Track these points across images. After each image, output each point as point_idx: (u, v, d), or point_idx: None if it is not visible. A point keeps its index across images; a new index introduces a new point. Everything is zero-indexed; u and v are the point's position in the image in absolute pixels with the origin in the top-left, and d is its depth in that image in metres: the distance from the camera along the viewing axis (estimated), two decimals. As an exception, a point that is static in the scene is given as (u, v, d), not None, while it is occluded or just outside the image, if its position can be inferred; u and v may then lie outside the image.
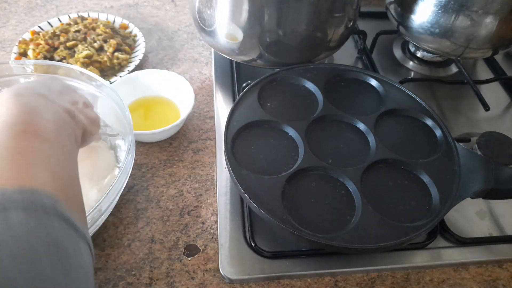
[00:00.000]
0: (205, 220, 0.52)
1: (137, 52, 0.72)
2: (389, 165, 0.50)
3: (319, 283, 0.47)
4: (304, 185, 0.48)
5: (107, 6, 0.84)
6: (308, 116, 0.54)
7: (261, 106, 0.55)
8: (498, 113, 0.69)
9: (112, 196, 0.43)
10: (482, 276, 0.49)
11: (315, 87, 0.58)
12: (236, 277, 0.46)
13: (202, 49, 0.76)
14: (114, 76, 0.67)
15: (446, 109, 0.68)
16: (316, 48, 0.62)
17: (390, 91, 0.59)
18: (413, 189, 0.48)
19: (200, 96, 0.67)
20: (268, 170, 0.48)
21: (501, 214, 0.54)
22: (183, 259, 0.48)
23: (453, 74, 0.75)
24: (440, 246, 0.50)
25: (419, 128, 0.55)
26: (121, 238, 0.49)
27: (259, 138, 0.52)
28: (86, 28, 0.72)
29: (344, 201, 0.47)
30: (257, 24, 0.57)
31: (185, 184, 0.55)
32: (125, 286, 0.46)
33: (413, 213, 0.46)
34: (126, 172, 0.45)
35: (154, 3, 0.86)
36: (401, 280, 0.48)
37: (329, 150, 0.51)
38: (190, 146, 0.60)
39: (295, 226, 0.43)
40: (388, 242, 0.43)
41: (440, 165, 0.50)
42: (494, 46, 0.65)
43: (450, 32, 0.63)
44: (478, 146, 0.55)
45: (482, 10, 0.60)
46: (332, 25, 0.60)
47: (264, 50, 0.60)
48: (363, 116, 0.55)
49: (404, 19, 0.68)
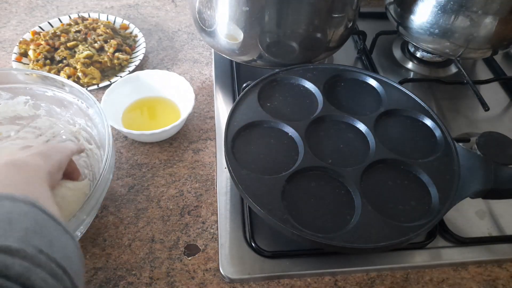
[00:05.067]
0: (205, 220, 0.52)
1: (138, 53, 0.72)
2: (388, 165, 0.50)
3: (319, 283, 0.47)
4: (304, 185, 0.48)
5: (108, 6, 0.84)
6: (308, 116, 0.54)
7: (261, 106, 0.55)
8: (497, 113, 0.69)
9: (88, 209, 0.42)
10: (482, 275, 0.49)
11: (315, 87, 0.58)
12: (236, 276, 0.46)
13: (202, 49, 0.76)
14: (114, 77, 0.68)
15: (446, 109, 0.68)
16: (316, 49, 0.63)
17: (390, 91, 0.59)
18: (413, 189, 0.48)
19: (200, 96, 0.67)
20: (268, 170, 0.48)
21: (500, 214, 0.54)
22: (183, 259, 0.48)
23: (452, 74, 0.75)
24: (440, 246, 0.50)
25: (418, 128, 0.55)
26: (122, 238, 0.50)
27: (259, 138, 0.52)
28: (87, 29, 0.72)
29: (343, 201, 0.47)
30: (257, 25, 0.57)
31: (186, 184, 0.55)
32: (126, 285, 0.46)
33: (412, 213, 0.46)
34: (105, 182, 0.44)
35: (155, 3, 0.86)
36: (401, 280, 0.48)
37: (329, 150, 0.51)
38: (190, 146, 0.60)
39: (295, 226, 0.43)
40: (388, 242, 0.43)
41: (440, 165, 0.50)
42: (494, 46, 0.65)
43: (450, 33, 0.63)
44: (477, 146, 0.55)
45: (481, 11, 0.60)
46: (332, 25, 0.60)
47: (264, 51, 0.60)
48: (363, 116, 0.55)
49: (403, 20, 0.68)
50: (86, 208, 0.41)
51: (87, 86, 0.65)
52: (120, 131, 0.59)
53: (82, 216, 0.41)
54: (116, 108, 0.61)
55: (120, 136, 0.61)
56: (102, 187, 0.44)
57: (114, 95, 0.61)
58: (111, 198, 0.53)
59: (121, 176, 0.56)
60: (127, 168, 0.57)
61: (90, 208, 0.42)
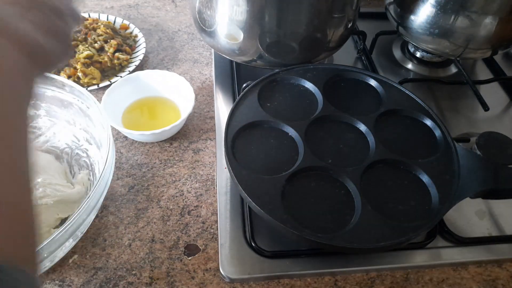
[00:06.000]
0: (205, 220, 0.52)
1: (138, 53, 0.72)
2: (388, 165, 0.50)
3: (319, 283, 0.47)
4: (304, 185, 0.48)
5: (108, 6, 0.84)
6: (308, 116, 0.55)
7: (261, 106, 0.55)
8: (497, 113, 0.69)
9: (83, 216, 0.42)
10: (482, 275, 0.49)
11: (315, 87, 0.58)
12: (236, 276, 0.46)
13: (202, 49, 0.76)
14: (114, 77, 0.68)
15: (446, 109, 0.68)
16: (316, 49, 0.63)
17: (390, 91, 0.59)
18: (413, 189, 0.48)
19: (200, 97, 0.67)
20: (268, 170, 0.48)
21: (500, 214, 0.54)
22: (183, 259, 0.48)
23: (452, 75, 0.75)
24: (440, 246, 0.50)
25: (418, 128, 0.55)
26: (122, 238, 0.50)
27: (259, 138, 0.52)
28: (87, 29, 0.72)
29: (343, 201, 0.47)
30: (257, 25, 0.57)
31: (186, 184, 0.55)
32: (126, 285, 0.46)
33: (412, 213, 0.46)
34: (105, 182, 0.44)
35: (155, 3, 0.86)
36: (401, 280, 0.48)
37: (329, 150, 0.51)
38: (190, 146, 0.60)
39: (295, 226, 0.43)
40: (388, 242, 0.43)
41: (440, 165, 0.50)
42: (493, 46, 0.65)
43: (450, 33, 0.63)
44: (477, 146, 0.55)
45: (481, 11, 0.60)
46: (331, 25, 0.60)
47: (264, 51, 0.60)
48: (363, 116, 0.55)
49: (403, 20, 0.68)
50: (86, 208, 0.41)
51: (87, 86, 0.65)
52: (120, 131, 0.59)
53: (82, 216, 0.41)
54: (116, 108, 0.61)
55: (120, 136, 0.61)
56: (102, 187, 0.44)
57: (114, 95, 0.61)
58: (111, 198, 0.53)
59: (121, 176, 0.56)
60: (127, 168, 0.57)
61: (90, 208, 0.42)
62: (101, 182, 0.43)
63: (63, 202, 0.49)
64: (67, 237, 0.41)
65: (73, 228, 0.41)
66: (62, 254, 0.43)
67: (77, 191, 0.50)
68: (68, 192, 0.50)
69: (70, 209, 0.49)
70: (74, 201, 0.50)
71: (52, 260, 0.42)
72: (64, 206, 0.49)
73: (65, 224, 0.39)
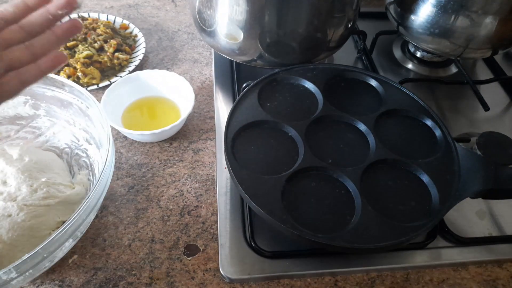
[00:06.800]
0: (205, 220, 0.52)
1: (138, 53, 0.72)
2: (388, 165, 0.50)
3: (319, 283, 0.47)
4: (304, 185, 0.48)
5: (108, 6, 0.84)
6: (308, 116, 0.54)
7: (261, 106, 0.55)
8: (497, 113, 0.69)
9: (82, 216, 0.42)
10: (482, 276, 0.49)
11: (315, 87, 0.58)
12: (236, 276, 0.46)
13: (202, 49, 0.76)
14: (114, 76, 0.68)
15: (446, 109, 0.68)
16: (316, 49, 0.63)
17: (390, 91, 0.59)
18: (413, 189, 0.48)
19: (200, 96, 0.67)
20: (268, 170, 0.48)
21: (500, 214, 0.54)
22: (183, 259, 0.48)
23: (452, 74, 0.75)
24: (440, 246, 0.50)
25: (418, 128, 0.55)
26: (122, 238, 0.50)
27: (259, 138, 0.52)
28: (87, 28, 0.72)
29: (344, 201, 0.47)
30: (257, 25, 0.57)
31: (185, 184, 0.55)
32: (126, 285, 0.46)
33: (412, 213, 0.46)
34: (105, 182, 0.44)
35: (155, 3, 0.86)
36: (401, 280, 0.48)
37: (329, 150, 0.51)
38: (190, 146, 0.60)
39: (295, 226, 0.43)
40: (388, 242, 0.43)
41: (440, 165, 0.50)
42: (494, 46, 0.65)
43: (450, 33, 0.63)
44: (477, 146, 0.55)
45: (481, 11, 0.60)
46: (332, 25, 0.60)
47: (264, 51, 0.60)
48: (363, 116, 0.55)
49: (403, 20, 0.68)
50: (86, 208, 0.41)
51: (87, 86, 0.65)
52: (120, 131, 0.59)
53: (81, 216, 0.41)
54: (116, 108, 0.61)
55: (120, 136, 0.61)
56: (102, 187, 0.44)
57: (114, 95, 0.61)
58: (111, 198, 0.53)
59: (121, 176, 0.56)
60: (127, 168, 0.57)
61: (89, 208, 0.42)
62: (101, 182, 0.42)
63: (64, 204, 0.49)
64: (67, 237, 0.41)
65: (72, 228, 0.41)
66: (62, 254, 0.43)
67: (76, 192, 0.50)
68: (69, 193, 0.50)
69: (70, 211, 0.49)
70: (74, 202, 0.49)
71: (52, 261, 0.42)
72: (64, 208, 0.49)
73: (64, 224, 0.39)
